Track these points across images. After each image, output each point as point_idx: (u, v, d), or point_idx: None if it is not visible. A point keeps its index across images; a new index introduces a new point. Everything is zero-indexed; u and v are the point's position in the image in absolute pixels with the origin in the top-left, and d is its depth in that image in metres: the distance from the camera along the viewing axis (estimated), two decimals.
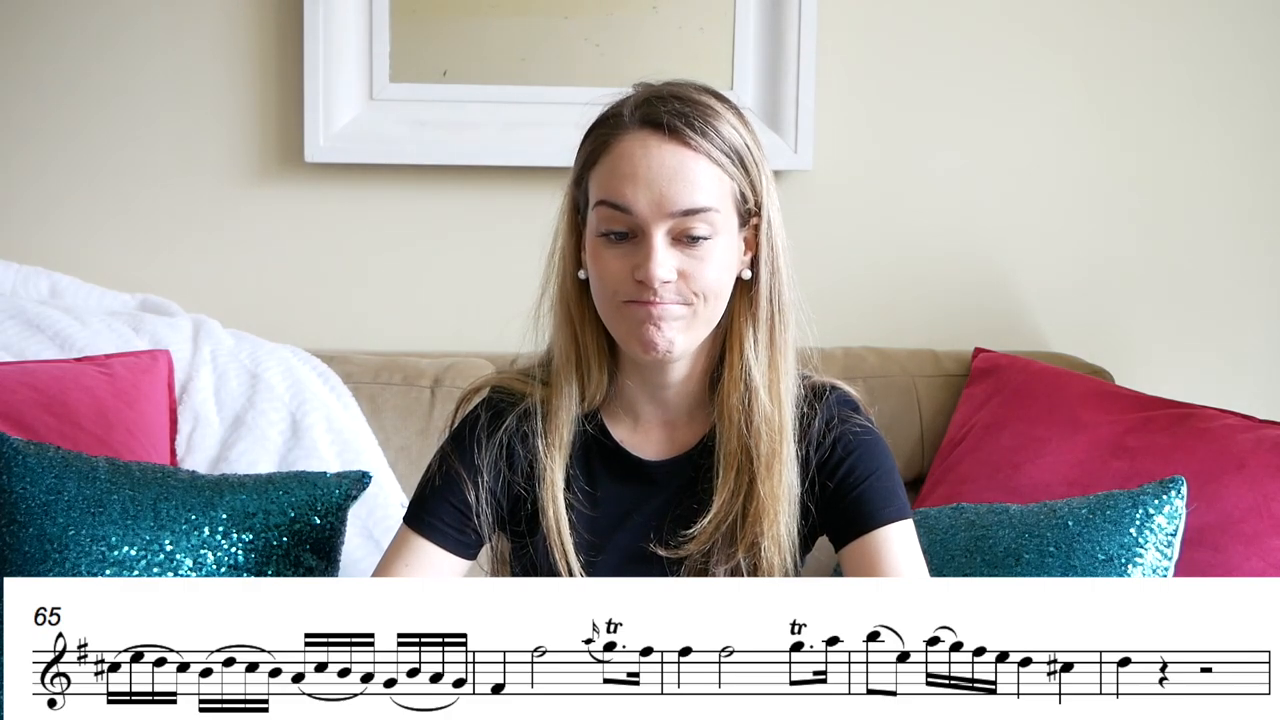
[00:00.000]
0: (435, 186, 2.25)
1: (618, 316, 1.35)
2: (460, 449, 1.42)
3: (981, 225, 2.32)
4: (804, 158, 2.24)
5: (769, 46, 2.23)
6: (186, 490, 1.64)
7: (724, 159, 1.33)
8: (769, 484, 1.37)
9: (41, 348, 1.94)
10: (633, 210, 1.31)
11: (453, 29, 2.21)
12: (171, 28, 2.20)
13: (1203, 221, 2.34)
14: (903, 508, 1.39)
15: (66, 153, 2.21)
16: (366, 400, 2.02)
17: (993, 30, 2.29)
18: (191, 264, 2.24)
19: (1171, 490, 1.64)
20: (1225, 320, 2.36)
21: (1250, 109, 2.33)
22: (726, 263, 1.35)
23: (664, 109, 1.32)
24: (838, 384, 1.45)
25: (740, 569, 1.37)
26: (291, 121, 2.22)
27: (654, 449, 1.44)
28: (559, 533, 1.38)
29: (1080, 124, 2.32)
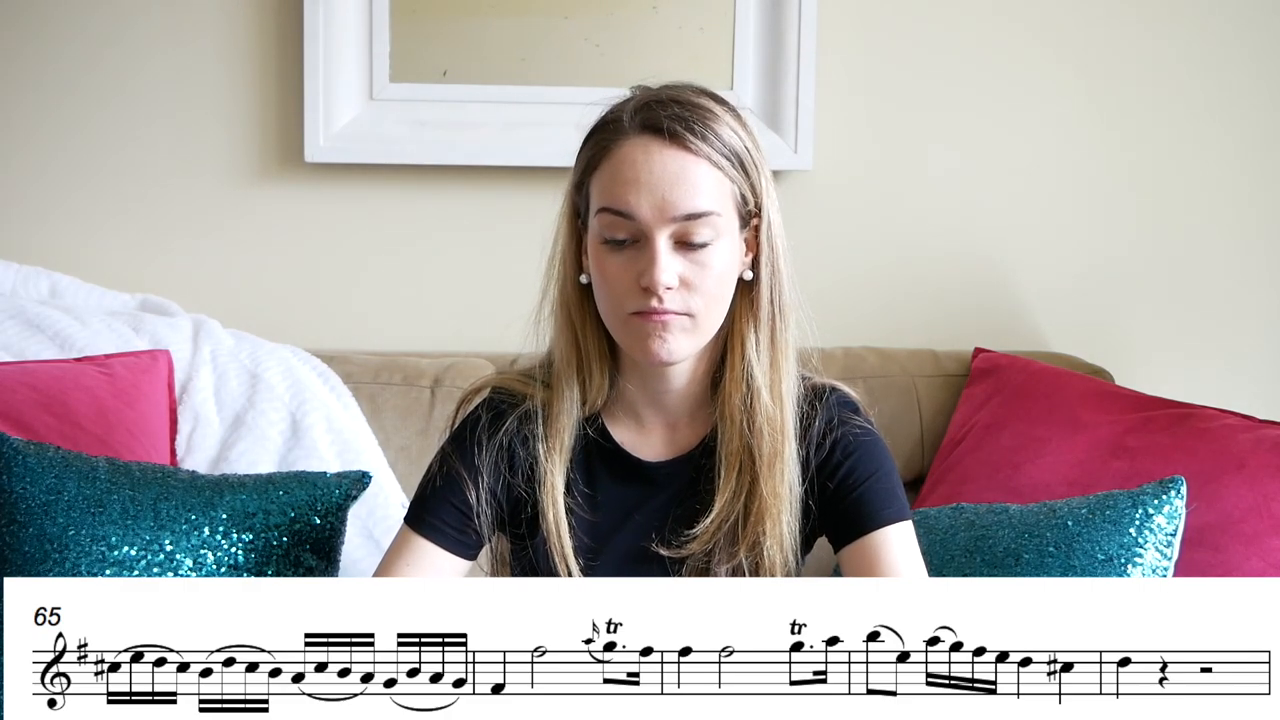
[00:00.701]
0: (435, 186, 2.25)
1: (624, 327, 1.35)
2: (461, 449, 1.42)
3: (981, 225, 2.32)
4: (804, 158, 2.24)
5: (769, 46, 2.23)
6: (186, 490, 1.64)
7: (724, 162, 1.33)
8: (771, 483, 1.37)
9: (41, 348, 1.94)
10: (635, 216, 1.31)
11: (453, 29, 2.21)
12: (171, 28, 2.20)
13: (1203, 221, 2.34)
14: (902, 509, 1.40)
15: (66, 153, 2.21)
16: (366, 400, 2.02)
17: (993, 30, 2.29)
18: (191, 264, 2.24)
19: (1171, 490, 1.64)
20: (1225, 320, 2.36)
21: (1250, 109, 2.33)
22: (729, 265, 1.35)
23: (664, 113, 1.32)
24: (838, 385, 1.45)
25: (742, 568, 1.37)
26: (291, 121, 2.22)
27: (655, 450, 1.44)
28: (559, 536, 1.38)
29: (1080, 124, 2.32)
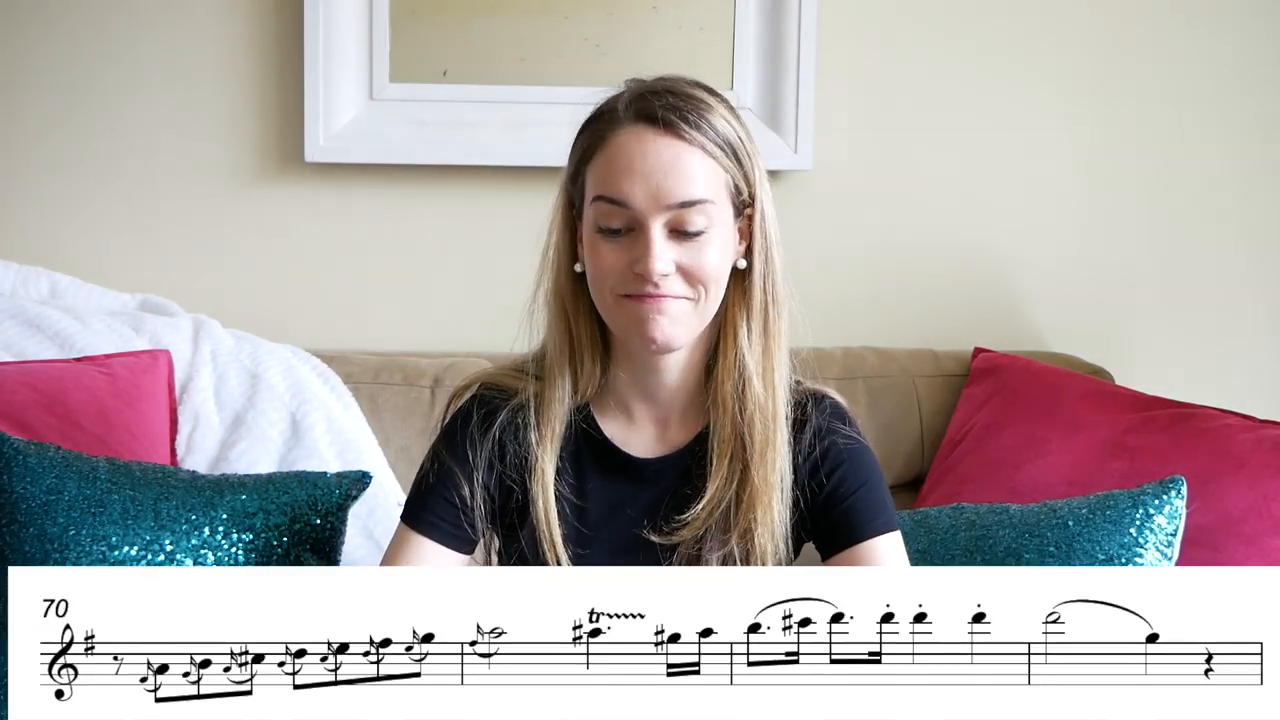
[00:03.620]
0: (435, 186, 2.25)
1: (617, 310, 1.36)
2: (452, 445, 1.43)
3: (982, 225, 2.32)
4: (804, 158, 2.24)
5: (769, 46, 2.23)
6: (187, 490, 1.64)
7: (718, 151, 1.34)
8: (762, 471, 1.38)
9: (41, 348, 1.94)
10: (630, 204, 1.32)
11: (453, 29, 2.21)
12: (172, 28, 2.20)
13: (1203, 222, 2.34)
14: (891, 519, 1.41)
15: (67, 153, 2.21)
16: (366, 400, 2.02)
17: (992, 30, 2.29)
18: (191, 264, 2.24)
19: (1171, 490, 1.65)
20: (1225, 320, 2.36)
21: (1250, 109, 2.33)
22: (723, 253, 1.36)
23: (658, 103, 1.34)
24: (829, 393, 1.46)
25: (733, 556, 1.38)
26: (291, 121, 2.22)
27: (645, 446, 1.44)
28: (548, 524, 1.39)
29: (1080, 123, 2.32)
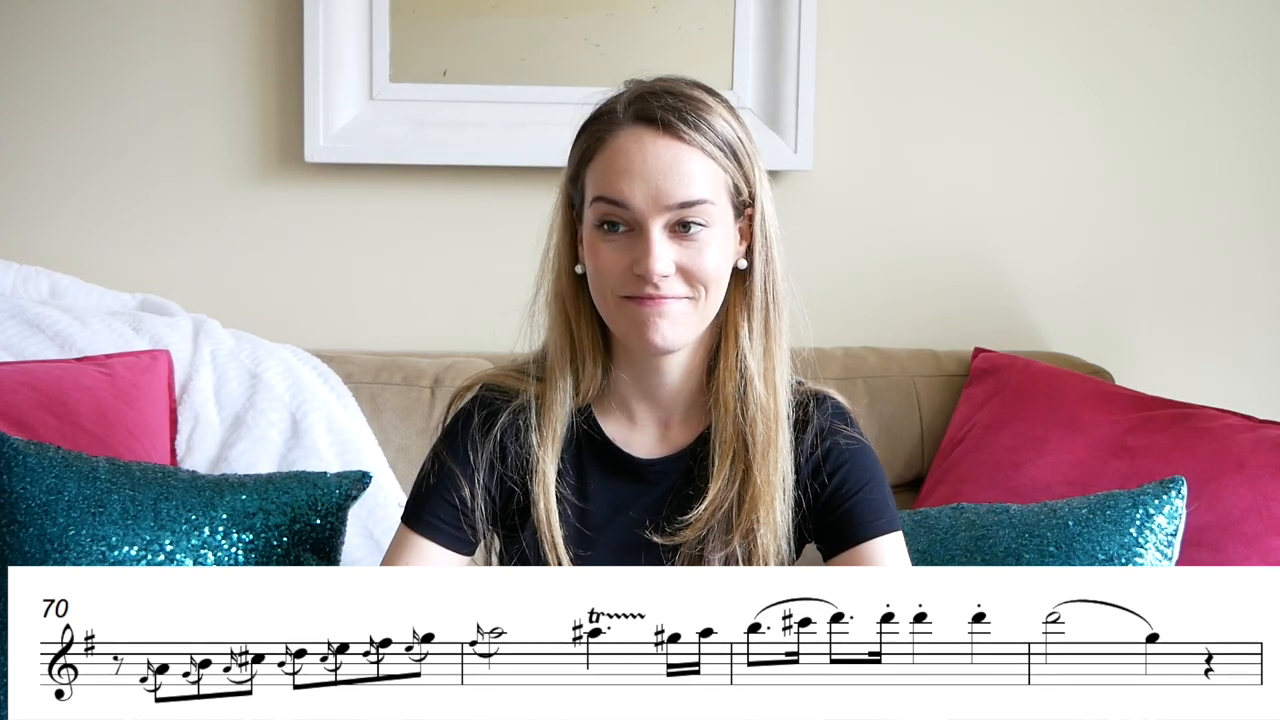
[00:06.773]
0: (435, 186, 2.25)
1: (618, 312, 1.36)
2: (453, 446, 1.43)
3: (981, 225, 2.32)
4: (804, 158, 2.24)
5: (769, 46, 2.23)
6: (187, 490, 1.64)
7: (717, 152, 1.34)
8: (764, 470, 1.38)
9: (41, 348, 1.94)
10: (630, 205, 1.32)
11: (453, 29, 2.21)
12: (172, 28, 2.20)
13: (1203, 222, 2.34)
14: (894, 520, 1.41)
15: (67, 153, 2.21)
16: (366, 400, 2.03)
17: (993, 30, 2.29)
18: (191, 264, 2.24)
19: (1171, 490, 1.65)
20: (1225, 320, 2.36)
21: (1251, 108, 2.33)
22: (723, 254, 1.36)
23: (657, 104, 1.34)
24: (831, 394, 1.46)
25: (736, 556, 1.38)
26: (291, 121, 2.22)
27: (646, 447, 1.44)
28: (549, 525, 1.39)
29: (1080, 124, 2.32)
